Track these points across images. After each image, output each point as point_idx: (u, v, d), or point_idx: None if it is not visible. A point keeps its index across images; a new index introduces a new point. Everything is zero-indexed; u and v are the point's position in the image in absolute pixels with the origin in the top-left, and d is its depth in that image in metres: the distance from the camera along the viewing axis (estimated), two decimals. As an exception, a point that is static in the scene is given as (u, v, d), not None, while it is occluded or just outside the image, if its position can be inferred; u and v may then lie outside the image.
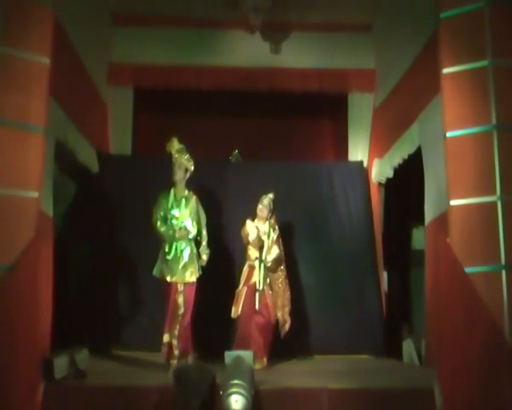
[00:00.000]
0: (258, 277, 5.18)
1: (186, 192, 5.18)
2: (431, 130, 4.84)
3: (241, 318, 5.22)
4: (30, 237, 3.86)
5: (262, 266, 5.20)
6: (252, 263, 5.30)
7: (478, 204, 4.06)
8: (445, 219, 4.23)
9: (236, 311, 5.25)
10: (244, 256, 5.42)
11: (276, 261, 5.35)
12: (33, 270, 3.90)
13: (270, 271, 5.31)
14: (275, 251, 5.33)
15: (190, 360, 4.97)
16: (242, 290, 5.28)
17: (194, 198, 5.19)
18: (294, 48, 6.85)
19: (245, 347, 4.96)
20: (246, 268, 5.36)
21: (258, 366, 4.82)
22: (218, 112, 7.09)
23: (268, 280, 5.29)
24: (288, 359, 5.55)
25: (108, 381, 4.32)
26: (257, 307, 5.09)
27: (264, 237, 5.29)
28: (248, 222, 5.42)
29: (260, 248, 5.27)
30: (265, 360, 5.17)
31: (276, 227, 5.45)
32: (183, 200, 5.12)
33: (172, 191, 5.13)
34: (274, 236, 5.38)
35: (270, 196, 5.45)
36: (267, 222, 5.39)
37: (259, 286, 5.14)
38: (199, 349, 5.13)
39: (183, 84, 6.75)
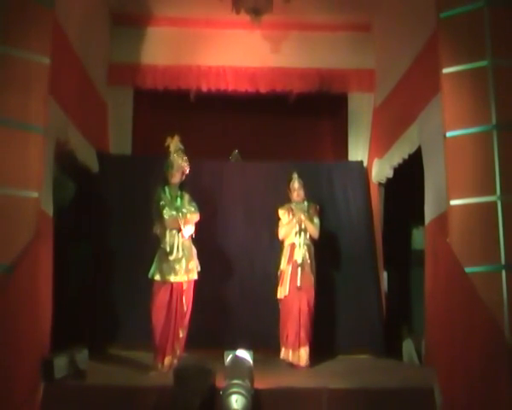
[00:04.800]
0: (298, 252, 5.22)
1: (179, 192, 5.16)
2: (431, 130, 4.83)
3: (287, 299, 5.19)
4: (30, 236, 3.87)
5: (302, 240, 5.24)
6: (292, 241, 5.31)
7: (478, 204, 4.06)
8: (445, 219, 4.23)
9: (283, 291, 5.21)
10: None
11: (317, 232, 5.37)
12: (33, 270, 3.90)
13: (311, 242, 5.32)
14: (316, 222, 5.38)
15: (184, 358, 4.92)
16: (287, 269, 5.25)
17: (186, 196, 5.14)
18: (294, 48, 6.84)
19: (285, 332, 5.13)
20: (287, 246, 5.34)
21: (294, 360, 5.11)
22: (218, 112, 7.08)
23: (310, 259, 5.28)
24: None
25: (108, 381, 4.33)
26: (298, 283, 5.11)
27: (301, 215, 5.31)
28: (280, 211, 5.46)
29: (299, 225, 5.29)
30: (304, 353, 5.19)
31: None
32: (178, 198, 5.09)
33: (167, 189, 5.10)
34: (314, 209, 5.46)
35: (294, 175, 5.52)
36: (305, 201, 5.46)
37: (300, 260, 5.17)
38: (198, 348, 5.12)
39: (182, 84, 6.76)
